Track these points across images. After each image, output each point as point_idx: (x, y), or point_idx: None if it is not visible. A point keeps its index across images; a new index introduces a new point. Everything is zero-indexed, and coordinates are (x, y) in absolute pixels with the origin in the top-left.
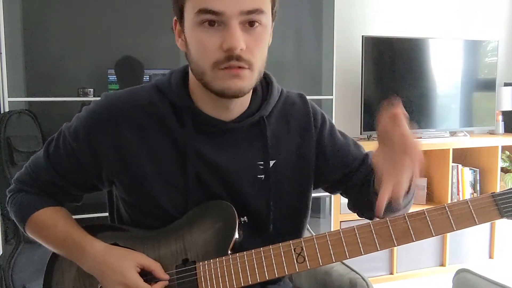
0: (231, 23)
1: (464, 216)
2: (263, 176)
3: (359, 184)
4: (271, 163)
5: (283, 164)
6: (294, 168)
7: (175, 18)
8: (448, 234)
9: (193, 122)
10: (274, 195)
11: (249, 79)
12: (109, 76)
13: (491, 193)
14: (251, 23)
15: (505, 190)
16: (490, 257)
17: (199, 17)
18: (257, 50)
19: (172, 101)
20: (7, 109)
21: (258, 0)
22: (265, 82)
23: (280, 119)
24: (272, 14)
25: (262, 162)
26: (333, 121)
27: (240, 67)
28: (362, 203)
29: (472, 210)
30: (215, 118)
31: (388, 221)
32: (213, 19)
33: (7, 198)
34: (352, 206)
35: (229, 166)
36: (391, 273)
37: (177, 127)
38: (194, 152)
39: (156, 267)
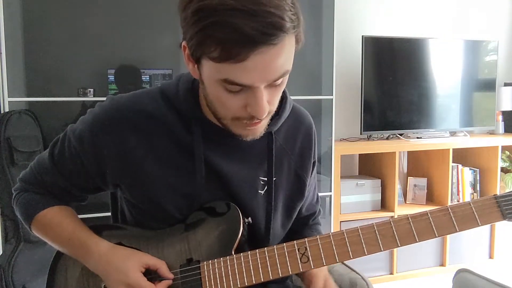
0: (257, 91)
1: (466, 217)
2: (262, 192)
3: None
4: (273, 180)
5: (282, 182)
6: (291, 188)
7: (184, 43)
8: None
9: (202, 131)
10: (269, 212)
11: (265, 123)
12: (109, 76)
13: (494, 195)
14: (275, 82)
15: (507, 192)
16: (490, 257)
17: (223, 85)
18: (277, 98)
19: (179, 109)
20: (7, 109)
21: (285, 64)
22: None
23: (288, 135)
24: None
25: (264, 178)
26: (333, 121)
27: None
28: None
29: (475, 212)
30: (224, 129)
31: (391, 222)
32: (239, 90)
33: (13, 196)
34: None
35: (233, 177)
36: (391, 273)
37: (185, 135)
38: (201, 159)
39: (161, 266)
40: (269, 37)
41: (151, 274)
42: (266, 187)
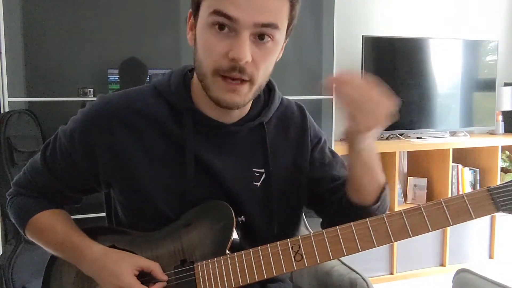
0: (242, 33)
1: (460, 210)
2: (258, 183)
3: (337, 202)
4: (268, 171)
5: (279, 174)
6: (289, 179)
7: (190, 10)
8: (448, 234)
9: (193, 124)
10: (267, 204)
11: (246, 94)
12: (109, 76)
13: (487, 187)
14: (262, 36)
15: (501, 184)
16: (490, 257)
17: (212, 18)
18: (263, 65)
19: (171, 103)
20: (7, 109)
21: (275, 15)
22: (267, 88)
23: (279, 127)
24: (287, 30)
25: (259, 170)
26: (333, 121)
27: (240, 80)
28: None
29: (468, 205)
30: (216, 120)
31: (384, 217)
32: (224, 23)
33: (7, 201)
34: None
35: (225, 170)
36: (391, 273)
37: (175, 129)
38: (193, 154)
39: (154, 267)
40: None
41: (145, 277)
42: (262, 178)
